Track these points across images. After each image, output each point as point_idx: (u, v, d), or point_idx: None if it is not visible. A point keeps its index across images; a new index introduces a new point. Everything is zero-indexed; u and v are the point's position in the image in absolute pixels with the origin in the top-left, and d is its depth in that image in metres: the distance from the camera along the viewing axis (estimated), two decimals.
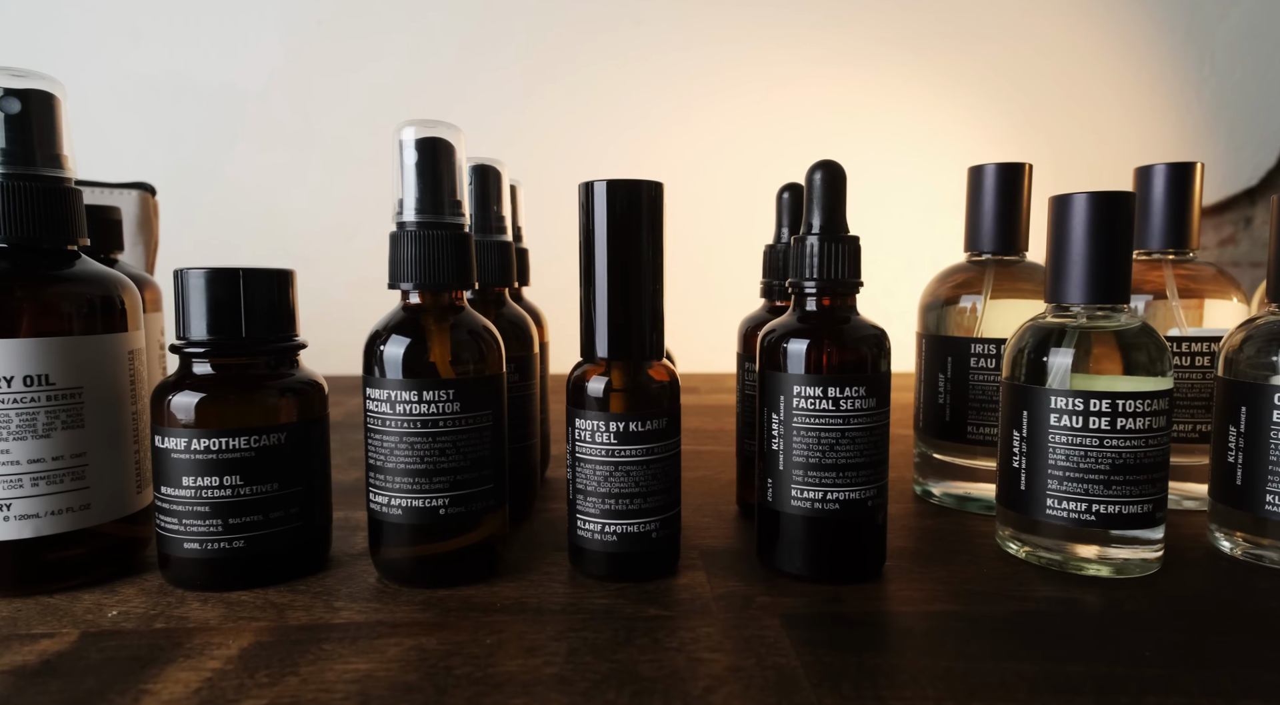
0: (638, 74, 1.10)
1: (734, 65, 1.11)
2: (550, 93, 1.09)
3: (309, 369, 0.33)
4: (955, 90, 1.14)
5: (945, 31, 1.13)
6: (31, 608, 0.28)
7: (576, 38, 1.10)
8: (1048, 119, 1.16)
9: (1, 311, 0.29)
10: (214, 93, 1.08)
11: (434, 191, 0.31)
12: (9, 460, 0.29)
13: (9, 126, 0.30)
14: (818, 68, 1.11)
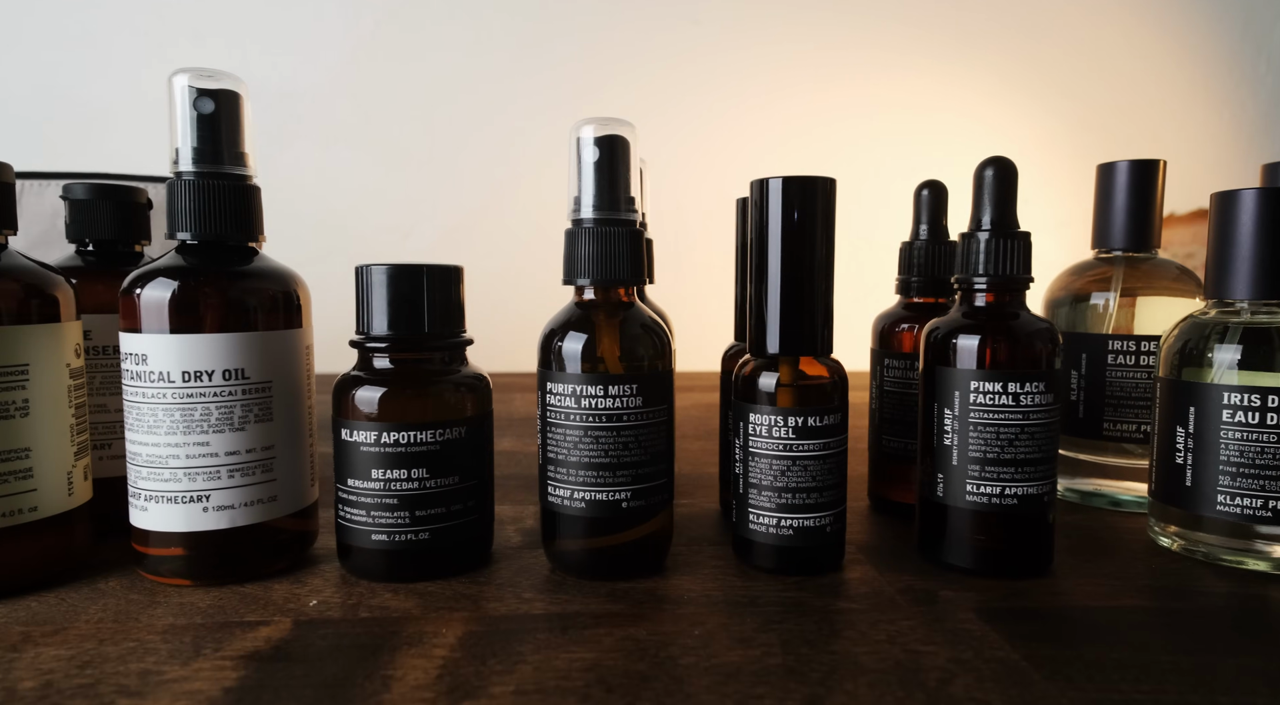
0: (693, 73, 1.10)
1: (786, 65, 1.11)
2: (606, 92, 1.10)
3: (474, 364, 0.33)
4: (1005, 89, 1.14)
5: (995, 30, 1.13)
6: (231, 597, 0.29)
7: (633, 36, 1.10)
8: (1100, 118, 1.16)
9: (196, 307, 0.29)
10: (272, 92, 1.09)
11: (611, 189, 0.31)
12: (208, 452, 0.29)
13: (201, 126, 0.30)
14: (868, 67, 1.11)
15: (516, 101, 1.08)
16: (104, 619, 0.27)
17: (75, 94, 1.04)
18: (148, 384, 0.29)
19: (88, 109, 1.04)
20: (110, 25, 1.04)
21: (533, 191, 1.08)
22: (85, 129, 1.04)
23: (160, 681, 0.23)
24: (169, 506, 0.29)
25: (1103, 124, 1.16)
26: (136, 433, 0.29)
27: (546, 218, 1.12)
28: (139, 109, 1.02)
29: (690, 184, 1.08)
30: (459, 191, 1.11)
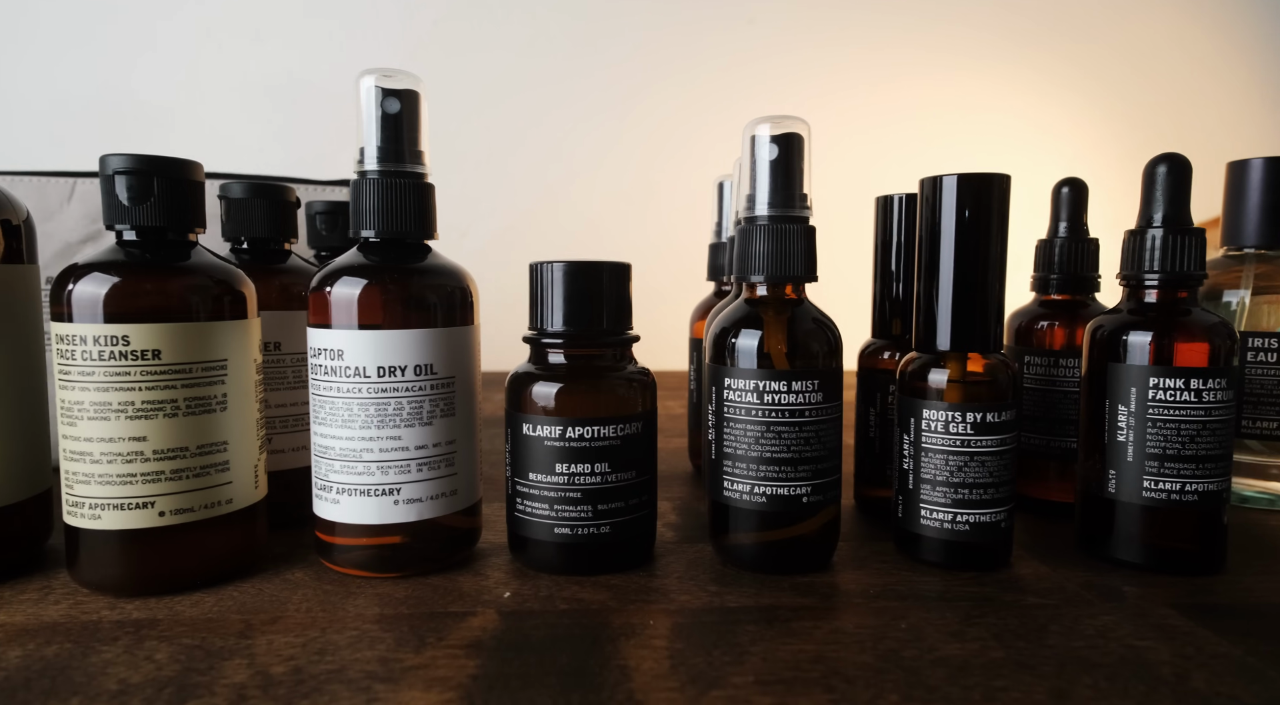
0: (750, 73, 1.10)
1: (842, 66, 1.11)
2: (661, 91, 1.10)
3: (638, 361, 0.34)
4: (1056, 89, 1.13)
5: (1045, 30, 1.12)
6: (421, 589, 0.29)
7: (687, 36, 1.10)
8: (1151, 117, 1.15)
9: (389, 304, 0.30)
10: (332, 91, 1.10)
11: (786, 186, 0.31)
12: (399, 446, 0.30)
13: (385, 126, 0.31)
14: (923, 68, 1.11)
15: (570, 101, 1.08)
16: (312, 608, 0.27)
17: (139, 94, 1.05)
18: (343, 379, 0.29)
19: (150, 108, 1.05)
20: (171, 26, 1.05)
21: (586, 190, 1.09)
22: (148, 129, 1.05)
23: (404, 669, 0.23)
24: (362, 499, 0.30)
25: (1154, 123, 1.15)
26: (329, 426, 0.30)
27: (599, 216, 1.13)
28: (201, 108, 1.04)
29: None
30: (514, 190, 1.12)
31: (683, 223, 1.10)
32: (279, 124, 1.08)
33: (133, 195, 0.29)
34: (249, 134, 1.06)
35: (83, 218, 0.51)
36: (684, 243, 1.11)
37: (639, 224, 1.12)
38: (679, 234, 1.11)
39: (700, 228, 1.15)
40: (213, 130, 1.05)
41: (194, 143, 1.03)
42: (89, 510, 0.28)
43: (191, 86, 1.06)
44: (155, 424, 0.28)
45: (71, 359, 0.27)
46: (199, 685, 0.22)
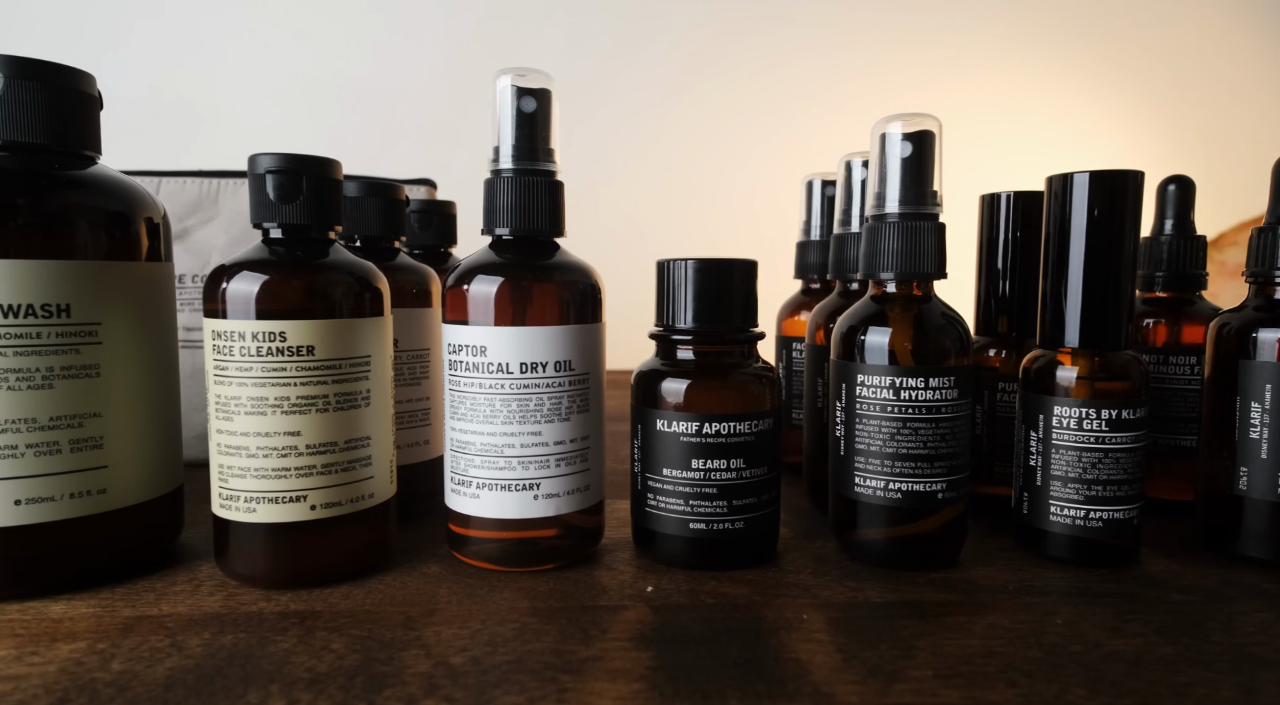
0: (791, 74, 1.10)
1: (884, 67, 1.11)
2: (701, 91, 1.10)
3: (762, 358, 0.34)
4: (1094, 89, 1.13)
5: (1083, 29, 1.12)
6: (562, 582, 0.30)
7: (730, 35, 1.10)
8: (1191, 116, 1.14)
9: (530, 301, 0.30)
10: (374, 91, 1.11)
11: (918, 184, 0.31)
12: (539, 441, 0.30)
13: (520, 124, 0.31)
14: (959, 68, 1.11)
15: (611, 101, 1.09)
16: (462, 601, 0.28)
17: (184, 93, 1.06)
18: (485, 375, 0.30)
19: (198, 108, 1.06)
20: (215, 25, 1.06)
21: (627, 188, 1.09)
22: (194, 128, 1.06)
23: (579, 661, 0.23)
24: (502, 494, 0.30)
25: (1194, 123, 1.15)
26: (469, 422, 0.30)
27: (640, 215, 1.13)
28: (246, 107, 1.04)
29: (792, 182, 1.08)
30: None
31: (723, 221, 1.11)
32: (322, 122, 1.09)
33: (283, 194, 0.29)
34: (293, 132, 1.07)
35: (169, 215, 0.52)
36: (725, 240, 1.11)
37: (680, 222, 1.12)
38: (720, 232, 1.11)
39: (739, 225, 1.16)
40: (257, 129, 1.06)
41: (238, 141, 1.04)
42: (244, 504, 0.28)
43: (236, 85, 1.07)
44: (308, 419, 0.28)
45: (229, 355, 0.28)
46: (387, 675, 0.22)
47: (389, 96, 1.09)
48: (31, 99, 0.28)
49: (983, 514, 0.38)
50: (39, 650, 0.24)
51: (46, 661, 0.23)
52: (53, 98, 0.29)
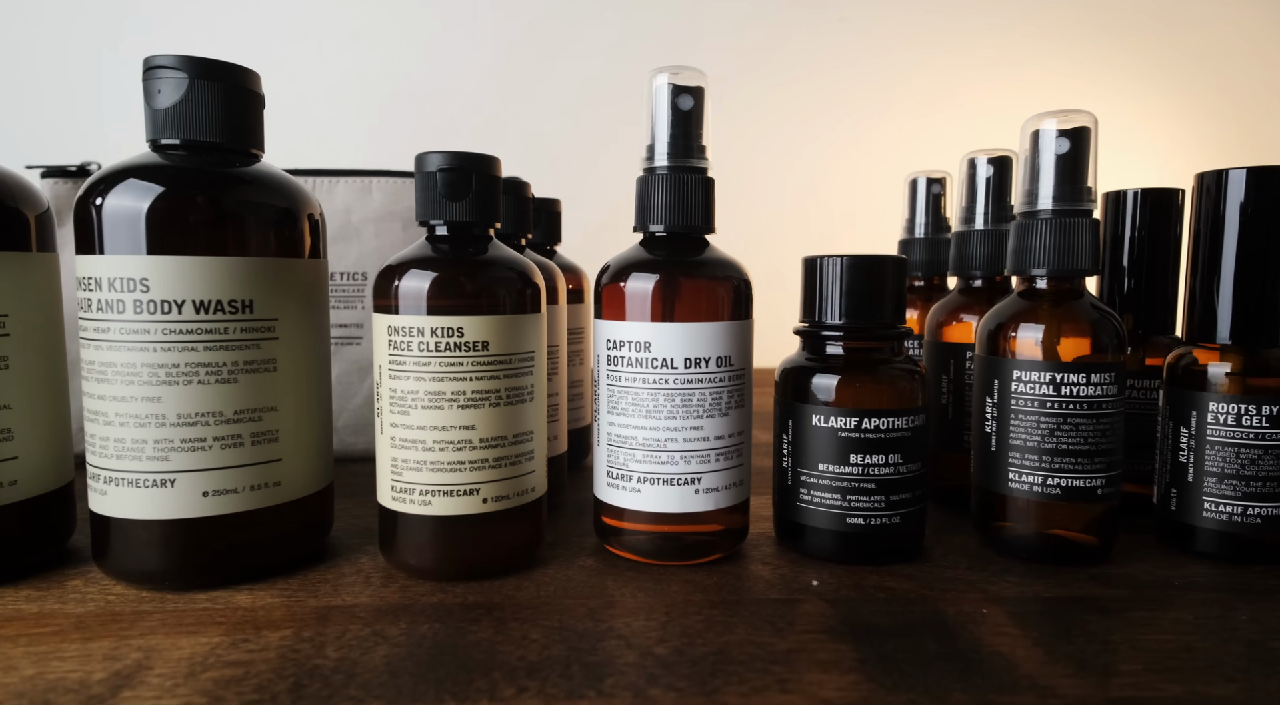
0: (842, 75, 1.10)
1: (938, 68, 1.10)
2: (750, 91, 1.10)
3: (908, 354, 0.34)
4: (1140, 89, 1.12)
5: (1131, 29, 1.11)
6: (725, 577, 0.30)
7: (780, 36, 1.10)
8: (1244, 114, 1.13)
9: (691, 298, 0.30)
10: (426, 89, 1.11)
11: (1074, 180, 0.31)
12: (701, 436, 0.30)
13: (676, 122, 0.31)
14: (1002, 68, 1.10)
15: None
16: (636, 593, 0.28)
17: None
18: (648, 370, 0.30)
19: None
20: (269, 26, 1.07)
21: None
22: None
23: (783, 652, 0.24)
24: (664, 488, 0.30)
25: (1247, 120, 1.14)
26: (630, 417, 0.31)
27: None
28: (299, 107, 1.05)
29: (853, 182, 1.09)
30: (604, 189, 1.12)
31: (773, 220, 1.11)
32: (374, 121, 1.10)
33: (452, 191, 0.29)
34: (346, 132, 1.08)
35: None
36: (775, 241, 1.11)
37: (731, 221, 1.12)
38: (770, 231, 1.11)
39: (788, 224, 1.16)
40: (310, 129, 1.07)
41: (292, 141, 1.05)
42: (419, 497, 0.29)
43: (289, 85, 1.08)
44: (482, 413, 0.29)
45: (407, 350, 0.28)
46: (599, 664, 0.23)
47: (440, 96, 1.10)
48: (211, 99, 0.29)
49: None
50: (249, 638, 0.24)
51: (262, 649, 0.24)
52: (228, 97, 0.29)
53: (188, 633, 0.25)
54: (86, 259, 0.27)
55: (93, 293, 0.27)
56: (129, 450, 0.27)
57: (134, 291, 0.27)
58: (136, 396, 0.27)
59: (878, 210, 1.08)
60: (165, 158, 0.29)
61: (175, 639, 0.24)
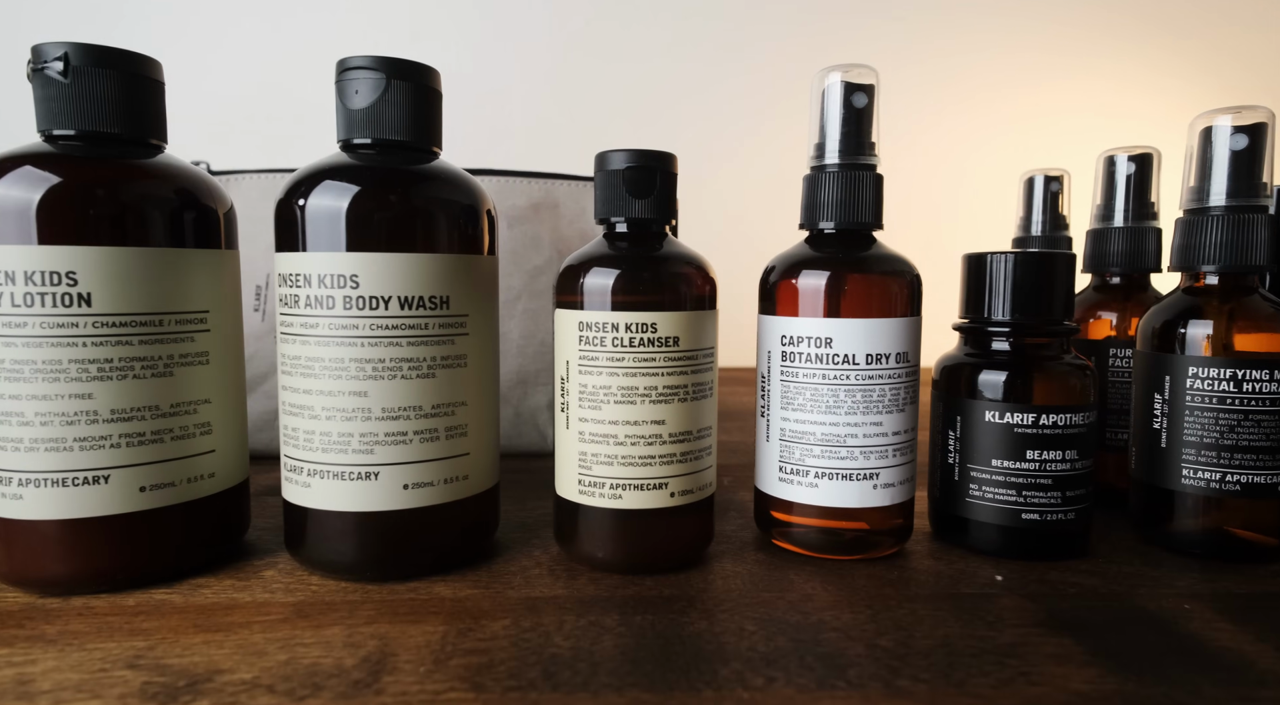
0: (896, 78, 1.10)
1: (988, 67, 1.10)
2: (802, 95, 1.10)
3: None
4: (1191, 89, 1.11)
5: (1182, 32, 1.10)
6: (903, 572, 0.30)
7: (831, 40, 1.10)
8: None
9: (869, 295, 0.31)
10: (482, 89, 1.12)
11: (1250, 176, 0.31)
12: (880, 432, 0.31)
13: (848, 120, 0.32)
14: (1059, 70, 1.10)
15: (715, 102, 1.09)
16: (826, 586, 0.28)
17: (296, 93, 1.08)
18: (829, 366, 0.30)
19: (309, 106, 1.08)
20: (329, 28, 1.08)
21: (731, 186, 1.09)
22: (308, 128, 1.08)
23: (1008, 645, 0.24)
24: (843, 483, 0.31)
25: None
26: (808, 412, 0.31)
27: (744, 212, 1.14)
28: None
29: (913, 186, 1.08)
30: None
31: None
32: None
33: (638, 189, 0.30)
34: None
35: None
36: None
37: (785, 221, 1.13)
38: None
39: None
40: None
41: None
42: (608, 490, 0.29)
43: None
44: (672, 408, 0.29)
45: (600, 346, 0.29)
46: (833, 655, 0.23)
47: (497, 95, 1.11)
48: (403, 98, 0.29)
49: None
50: (472, 627, 0.25)
51: (491, 637, 0.24)
52: (418, 96, 0.30)
53: (410, 621, 0.25)
54: (291, 256, 0.28)
55: (300, 289, 0.28)
56: (335, 443, 0.28)
57: (344, 288, 0.27)
58: (344, 391, 0.28)
59: (934, 208, 1.08)
60: (357, 158, 0.29)
61: (401, 627, 0.25)
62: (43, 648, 0.23)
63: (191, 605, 0.26)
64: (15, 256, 0.26)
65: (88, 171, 0.27)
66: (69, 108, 0.27)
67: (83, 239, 0.26)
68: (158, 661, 0.22)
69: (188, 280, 0.28)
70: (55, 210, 0.26)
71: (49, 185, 0.26)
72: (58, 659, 0.22)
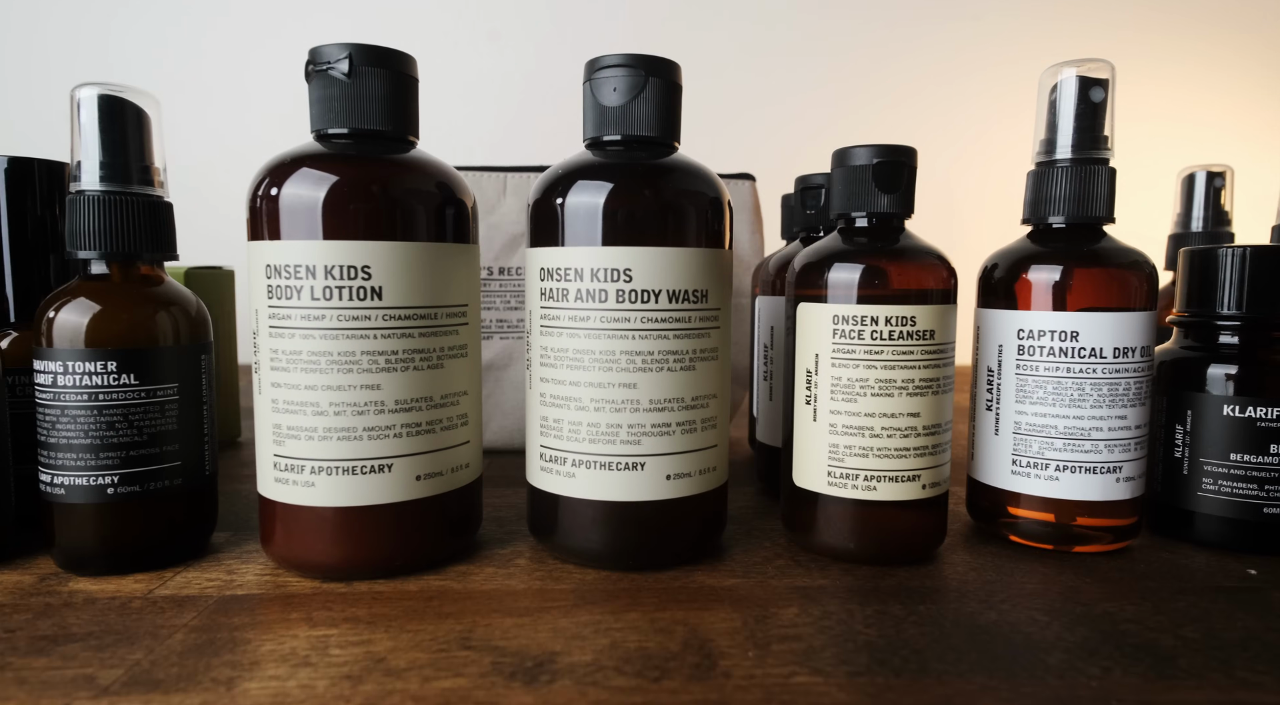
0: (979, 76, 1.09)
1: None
2: (880, 85, 1.10)
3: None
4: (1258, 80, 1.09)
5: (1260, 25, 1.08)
6: (1135, 564, 0.30)
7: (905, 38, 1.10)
8: None
9: (1119, 288, 0.31)
10: (560, 88, 1.12)
11: None
12: (1124, 425, 0.31)
13: (1083, 114, 0.32)
14: (1145, 73, 1.08)
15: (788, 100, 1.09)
16: (1086, 580, 0.29)
17: None
18: (1075, 359, 0.30)
19: None
20: (411, 27, 1.09)
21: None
22: None
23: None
24: (1086, 476, 0.31)
25: None
26: (1049, 406, 0.31)
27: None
28: (439, 104, 1.08)
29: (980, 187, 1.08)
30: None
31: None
32: (508, 119, 1.11)
33: (887, 184, 0.30)
34: (484, 129, 1.10)
35: (520, 210, 0.54)
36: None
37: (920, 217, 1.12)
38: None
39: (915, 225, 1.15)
40: (450, 125, 1.09)
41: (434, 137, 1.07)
42: (863, 482, 0.29)
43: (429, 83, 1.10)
44: (926, 401, 0.29)
45: (858, 339, 0.29)
46: (1143, 646, 0.23)
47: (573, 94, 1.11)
48: (657, 96, 0.30)
49: None
50: (765, 614, 0.25)
51: (791, 624, 0.24)
52: (669, 93, 0.30)
53: (697, 608, 0.26)
54: (555, 251, 0.29)
55: (569, 283, 0.28)
56: (603, 434, 0.28)
57: (617, 282, 0.28)
58: (614, 383, 0.28)
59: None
60: (607, 155, 0.30)
61: (695, 613, 0.25)
62: (368, 629, 0.24)
63: (473, 591, 0.27)
64: (314, 251, 0.26)
65: (370, 169, 0.28)
66: (347, 107, 0.28)
67: (375, 234, 0.27)
68: (487, 643, 0.23)
69: (454, 274, 0.29)
70: (348, 206, 0.27)
71: (337, 182, 0.27)
72: (392, 639, 0.23)
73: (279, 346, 0.27)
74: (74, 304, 0.28)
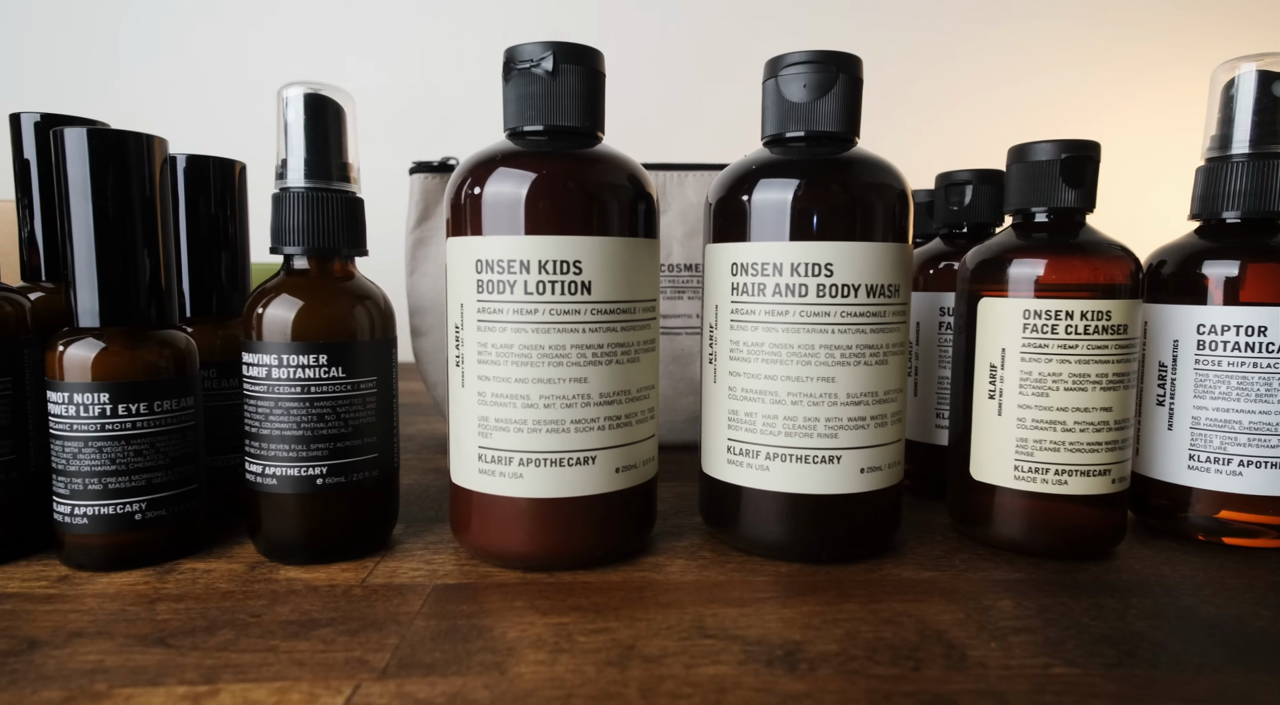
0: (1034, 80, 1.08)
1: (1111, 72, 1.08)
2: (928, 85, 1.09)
3: None
4: None
5: None
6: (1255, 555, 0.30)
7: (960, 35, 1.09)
8: None
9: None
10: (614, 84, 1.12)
11: None
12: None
13: (1264, 110, 0.32)
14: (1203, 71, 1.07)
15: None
16: (1269, 572, 0.29)
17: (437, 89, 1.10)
18: (1263, 355, 0.30)
19: (451, 103, 1.10)
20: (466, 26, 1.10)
21: None
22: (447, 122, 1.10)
23: None
24: (1274, 471, 0.31)
25: None
26: (1234, 401, 0.31)
27: None
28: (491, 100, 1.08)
29: None
30: None
31: None
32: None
33: (1075, 179, 0.30)
34: None
35: None
36: None
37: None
38: None
39: None
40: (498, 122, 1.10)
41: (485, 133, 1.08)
42: (1053, 476, 0.29)
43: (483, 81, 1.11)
44: (1117, 395, 0.29)
45: (1052, 333, 0.29)
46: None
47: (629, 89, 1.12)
48: (844, 92, 0.30)
49: None
50: (983, 606, 0.25)
51: (1015, 616, 0.25)
52: (854, 87, 0.30)
53: (911, 601, 0.26)
54: (745, 245, 0.29)
55: (767, 277, 0.29)
56: (800, 428, 0.29)
57: (819, 276, 0.28)
58: (812, 376, 0.28)
59: None
60: (789, 152, 0.30)
61: (913, 605, 0.25)
62: (599, 617, 0.24)
63: (677, 582, 0.27)
64: (525, 246, 0.27)
65: (573, 165, 0.28)
66: (546, 104, 0.29)
67: (584, 229, 0.27)
68: (725, 632, 0.23)
69: (646, 269, 0.29)
70: (560, 202, 0.27)
71: (545, 178, 0.27)
72: (631, 628, 0.24)
73: (488, 340, 0.28)
74: (281, 299, 0.28)
